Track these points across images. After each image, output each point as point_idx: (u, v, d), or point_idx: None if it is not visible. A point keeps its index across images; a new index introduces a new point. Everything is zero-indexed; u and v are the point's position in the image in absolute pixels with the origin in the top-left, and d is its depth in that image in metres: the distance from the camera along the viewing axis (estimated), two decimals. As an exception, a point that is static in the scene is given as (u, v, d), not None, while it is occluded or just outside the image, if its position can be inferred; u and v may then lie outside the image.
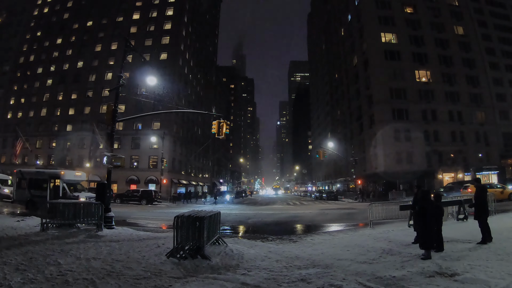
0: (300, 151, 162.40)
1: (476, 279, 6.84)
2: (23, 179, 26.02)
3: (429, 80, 56.54)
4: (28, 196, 25.00)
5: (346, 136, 70.37)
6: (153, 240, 12.32)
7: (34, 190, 25.18)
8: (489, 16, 62.55)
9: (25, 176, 26.13)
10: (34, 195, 24.84)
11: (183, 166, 66.09)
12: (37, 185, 25.43)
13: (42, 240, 11.59)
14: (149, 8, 66.38)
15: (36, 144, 63.07)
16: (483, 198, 11.13)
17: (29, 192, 25.23)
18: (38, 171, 27.39)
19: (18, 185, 26.14)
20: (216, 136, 22.07)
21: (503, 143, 56.33)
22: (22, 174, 26.54)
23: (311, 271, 8.33)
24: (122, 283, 6.89)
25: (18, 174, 26.56)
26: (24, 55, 72.15)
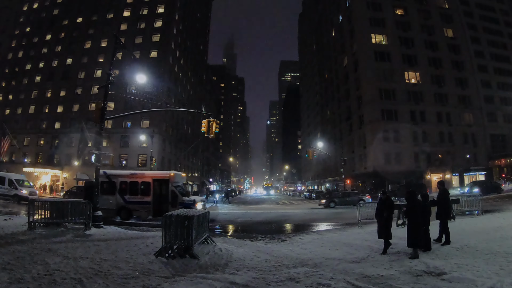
0: (289, 150, 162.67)
1: (463, 278, 6.94)
2: (109, 182, 22.66)
3: (418, 81, 57.01)
4: (120, 203, 21.87)
5: (335, 136, 70.67)
6: (142, 239, 12.27)
7: (129, 196, 22.11)
8: (478, 19, 63.31)
9: (113, 179, 22.72)
10: (130, 201, 21.90)
11: (172, 165, 65.68)
12: (133, 189, 22.29)
13: (29, 239, 11.48)
14: (140, 5, 65.86)
15: (24, 141, 62.17)
16: (445, 201, 11.42)
17: (122, 198, 22.08)
18: (134, 172, 24.56)
19: (101, 190, 21.46)
20: (206, 135, 22.08)
21: (491, 144, 57.08)
22: (109, 176, 22.99)
23: (300, 270, 8.36)
24: (110, 283, 6.85)
25: (101, 177, 21.85)
26: (12, 51, 71.00)
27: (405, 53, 57.30)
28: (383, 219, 10.30)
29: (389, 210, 10.37)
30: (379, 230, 10.50)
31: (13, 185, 30.08)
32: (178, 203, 21.28)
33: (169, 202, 21.28)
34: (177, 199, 21.55)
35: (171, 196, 21.55)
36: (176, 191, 21.92)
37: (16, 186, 30.03)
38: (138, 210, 21.68)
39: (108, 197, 21.88)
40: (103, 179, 22.28)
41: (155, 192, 22.00)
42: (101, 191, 21.42)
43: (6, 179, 30.54)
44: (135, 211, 21.78)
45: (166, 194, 21.74)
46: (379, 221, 10.58)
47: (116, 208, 21.71)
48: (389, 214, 10.30)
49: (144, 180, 22.47)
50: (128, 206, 21.73)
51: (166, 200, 21.47)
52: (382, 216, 10.36)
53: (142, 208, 21.57)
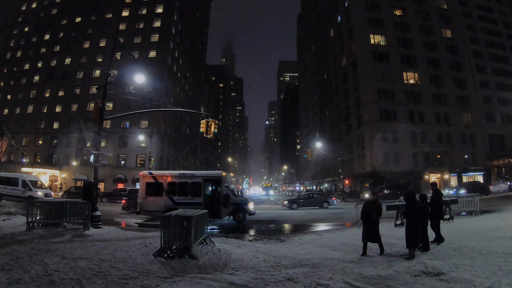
0: (288, 151, 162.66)
1: (461, 278, 6.96)
2: (155, 183, 22.10)
3: (416, 82, 57.07)
4: (169, 205, 20.88)
5: (334, 136, 70.68)
6: (140, 239, 12.27)
7: (179, 197, 21.44)
8: (477, 20, 63.42)
9: (160, 180, 22.15)
10: (179, 202, 20.84)
11: (171, 165, 65.68)
12: (182, 190, 21.68)
13: (28, 239, 11.47)
14: (139, 5, 65.87)
15: (22, 141, 62.14)
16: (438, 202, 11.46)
17: (171, 200, 21.39)
18: (183, 173, 24.38)
19: (147, 191, 21.95)
20: (205, 135, 22.03)
21: (489, 144, 57.17)
22: (155, 177, 22.48)
23: (298, 270, 8.38)
24: (109, 283, 6.85)
25: (147, 178, 22.44)
26: (11, 51, 70.97)
27: (403, 53, 57.36)
28: (371, 221, 10.05)
29: (378, 212, 10.10)
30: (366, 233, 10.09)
31: (28, 186, 29.07)
32: (230, 203, 21.25)
33: (221, 203, 21.01)
34: (229, 199, 21.42)
35: (223, 196, 21.27)
36: (228, 191, 21.80)
37: (31, 188, 29.06)
38: None
39: (155, 198, 21.54)
40: (148, 180, 22.23)
41: (207, 193, 21.71)
42: (147, 192, 21.84)
43: (20, 181, 29.55)
44: None
45: (218, 194, 21.45)
46: (366, 223, 10.21)
47: (164, 210, 20.16)
48: (377, 217, 10.09)
49: (195, 180, 21.97)
50: (177, 208, 19.94)
51: (218, 201, 21.14)
52: (370, 218, 10.05)
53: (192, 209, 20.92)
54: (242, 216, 21.32)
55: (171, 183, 21.92)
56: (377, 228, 10.07)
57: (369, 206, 10.25)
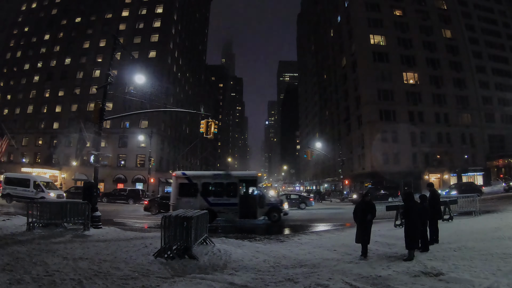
0: (288, 151, 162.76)
1: (461, 278, 6.98)
2: (190, 184, 21.81)
3: (416, 82, 57.08)
4: (204, 205, 20.26)
5: (334, 136, 70.70)
6: (141, 240, 12.29)
7: (213, 198, 21.24)
8: (476, 20, 63.44)
9: (195, 180, 21.88)
10: (214, 203, 20.90)
11: (171, 165, 65.73)
12: (217, 191, 21.58)
13: (28, 240, 11.49)
14: (139, 5, 65.83)
15: (22, 141, 62.14)
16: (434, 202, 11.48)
17: (206, 201, 21.04)
18: (217, 173, 23.95)
19: (180, 192, 21.61)
20: (205, 135, 22.02)
21: (489, 145, 57.20)
22: (189, 178, 22.26)
23: (298, 270, 8.41)
24: (110, 284, 6.87)
25: (180, 179, 22.03)
26: (11, 51, 70.92)
27: (403, 53, 57.36)
28: (364, 222, 9.84)
29: (372, 213, 9.92)
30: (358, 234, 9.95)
31: (39, 187, 28.82)
32: (265, 203, 21.33)
33: (257, 203, 20.97)
34: (264, 199, 21.55)
35: (259, 197, 21.31)
36: (263, 191, 21.83)
37: (43, 189, 28.77)
38: (224, 212, 21.04)
39: (189, 199, 21.20)
40: (182, 180, 21.93)
41: (242, 193, 21.55)
42: (180, 193, 21.52)
43: (31, 182, 29.32)
44: (221, 213, 21.06)
45: (253, 195, 21.46)
46: (359, 224, 9.99)
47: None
48: (371, 218, 9.89)
49: (230, 181, 21.90)
50: (212, 208, 20.42)
51: (253, 201, 21.04)
52: (363, 219, 9.86)
53: (228, 210, 20.94)
54: (277, 216, 21.40)
55: (205, 184, 21.75)
56: (369, 230, 9.90)
57: (363, 207, 10.07)
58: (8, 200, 28.22)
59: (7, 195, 29.14)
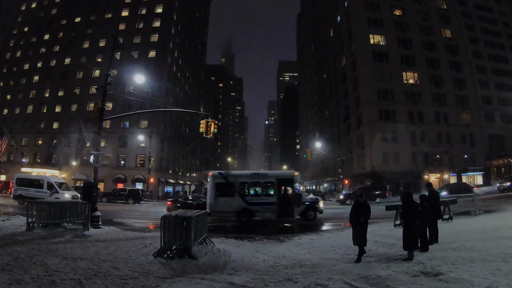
0: (288, 150, 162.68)
1: (460, 278, 6.99)
2: (227, 184, 21.90)
3: (416, 82, 57.08)
4: (241, 205, 20.97)
5: (333, 136, 70.69)
6: (140, 240, 12.30)
7: (251, 197, 21.42)
8: (476, 20, 63.45)
9: (232, 180, 21.95)
10: (252, 203, 21.10)
11: (170, 165, 65.77)
12: (255, 190, 21.93)
13: (28, 240, 11.49)
14: (138, 5, 65.77)
15: (22, 141, 62.11)
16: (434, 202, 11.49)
17: (243, 200, 21.21)
18: (256, 173, 24.48)
19: (217, 192, 21.53)
20: (204, 135, 21.99)
21: (488, 144, 57.21)
22: (226, 177, 22.27)
23: (298, 270, 8.42)
24: (109, 283, 6.88)
25: (217, 178, 21.95)
26: (10, 51, 70.91)
27: (403, 53, 57.35)
28: (358, 224, 9.67)
29: (366, 214, 9.71)
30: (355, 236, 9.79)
31: (54, 188, 28.46)
32: (302, 202, 21.36)
33: (294, 202, 21.11)
34: (301, 198, 21.56)
35: (296, 196, 21.46)
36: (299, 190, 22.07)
37: (57, 190, 28.36)
38: (261, 211, 21.11)
39: (227, 199, 21.32)
40: (219, 180, 21.93)
41: (280, 192, 21.68)
42: (217, 193, 21.49)
43: (45, 183, 29.00)
44: (258, 212, 21.14)
45: (290, 194, 21.60)
46: (354, 225, 9.83)
47: (237, 210, 21.02)
48: (365, 219, 9.67)
49: (268, 180, 22.13)
50: (250, 208, 21.03)
51: (290, 200, 21.24)
52: (357, 220, 9.72)
53: (266, 209, 21.06)
54: (313, 215, 21.53)
55: (243, 183, 21.97)
56: (365, 231, 9.69)
57: (357, 208, 9.90)
58: (21, 202, 27.41)
59: (19, 196, 28.47)
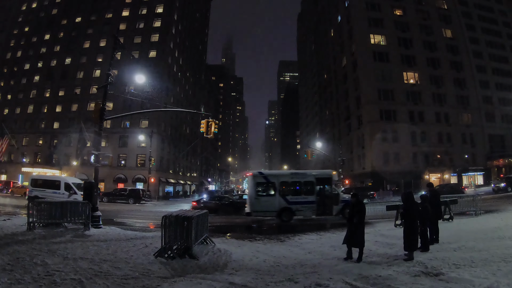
0: (288, 150, 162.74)
1: (461, 278, 6.99)
2: (267, 183, 22.33)
3: (417, 81, 57.10)
4: (282, 204, 21.22)
5: (334, 136, 70.71)
6: (141, 239, 12.29)
7: (291, 196, 21.55)
8: (477, 20, 63.44)
9: (272, 180, 22.23)
10: (292, 202, 21.30)
11: (171, 165, 65.76)
12: (295, 189, 22.04)
13: (29, 239, 11.48)
14: (139, 5, 65.75)
15: (22, 141, 62.10)
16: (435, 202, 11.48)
17: (284, 199, 21.41)
18: (295, 172, 25.14)
19: (258, 191, 21.81)
20: (205, 135, 22.03)
21: (489, 144, 57.21)
22: (267, 177, 22.65)
23: (298, 270, 8.42)
24: (110, 283, 6.87)
25: (257, 178, 22.18)
26: (11, 51, 70.90)
27: (403, 53, 57.37)
28: (353, 225, 9.51)
29: (360, 215, 9.52)
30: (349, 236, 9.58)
31: (72, 189, 28.16)
32: (339, 200, 21.69)
33: (333, 200, 21.49)
34: (339, 197, 21.92)
35: (334, 194, 21.93)
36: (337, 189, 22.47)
37: (75, 191, 27.85)
38: (301, 210, 21.41)
39: (267, 198, 21.64)
40: (259, 180, 22.24)
41: (319, 191, 21.97)
42: (258, 193, 21.79)
43: (62, 183, 28.67)
44: (299, 211, 21.38)
45: (329, 193, 21.95)
46: (349, 226, 9.68)
47: (278, 209, 21.24)
48: (360, 220, 9.47)
49: (307, 179, 22.37)
50: (291, 207, 21.28)
51: (329, 199, 21.60)
52: (351, 221, 9.61)
53: (306, 208, 21.38)
54: None
55: (283, 183, 22.26)
56: (360, 232, 9.43)
57: (351, 209, 9.84)
58: None
59: (35, 198, 26.92)
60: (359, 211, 9.57)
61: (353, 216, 9.56)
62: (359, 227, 9.45)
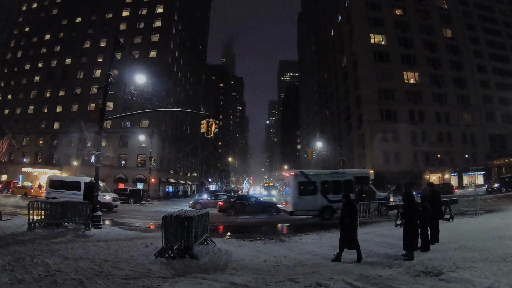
0: (288, 150, 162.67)
1: (461, 278, 6.99)
2: (308, 182, 22.88)
3: (417, 81, 57.08)
4: (323, 203, 22.05)
5: (334, 136, 70.68)
6: (142, 239, 12.30)
7: (332, 195, 22.08)
8: (477, 19, 63.38)
9: (313, 179, 22.90)
10: (333, 200, 21.76)
11: (171, 165, 65.77)
12: (335, 188, 22.41)
13: (29, 239, 11.48)
14: (139, 5, 65.73)
15: (23, 141, 62.15)
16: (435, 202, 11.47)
17: (325, 198, 22.19)
18: (335, 171, 25.55)
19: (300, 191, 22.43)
20: (205, 135, 22.02)
21: (490, 144, 57.17)
22: (308, 176, 23.23)
23: (299, 270, 8.42)
24: (111, 283, 6.88)
25: (299, 177, 22.86)
26: (11, 51, 70.94)
27: (404, 53, 57.34)
28: (345, 227, 9.36)
29: (351, 216, 9.42)
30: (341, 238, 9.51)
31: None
32: (376, 198, 22.34)
33: (369, 198, 21.95)
34: (375, 195, 22.53)
35: (371, 192, 22.61)
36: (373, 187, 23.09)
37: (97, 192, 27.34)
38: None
39: (310, 197, 22.27)
40: (301, 179, 22.86)
41: (357, 189, 22.76)
42: (300, 192, 22.44)
43: (82, 184, 27.10)
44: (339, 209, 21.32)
45: (366, 190, 22.83)
46: (341, 229, 9.55)
47: (320, 208, 21.98)
48: (351, 222, 9.36)
49: (346, 178, 22.94)
50: (331, 205, 21.82)
51: (367, 196, 22.21)
52: (342, 223, 9.45)
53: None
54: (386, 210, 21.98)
55: (324, 182, 22.83)
56: (352, 234, 9.37)
57: (342, 210, 9.72)
58: None
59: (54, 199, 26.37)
60: (350, 212, 9.48)
61: (345, 218, 9.45)
62: (351, 228, 9.38)
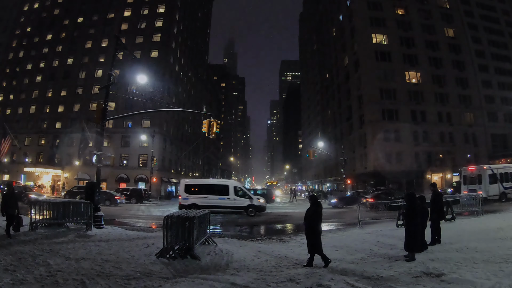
0: (290, 150, 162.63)
1: (463, 279, 6.97)
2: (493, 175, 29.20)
3: (419, 81, 56.97)
4: (501, 189, 28.93)
5: (336, 135, 70.60)
6: (143, 239, 12.32)
7: (506, 183, 29.18)
8: (479, 19, 63.20)
9: (496, 171, 29.52)
10: (507, 187, 29.02)
11: (173, 165, 65.80)
12: (507, 178, 29.33)
13: (31, 240, 11.52)
14: (141, 5, 65.77)
15: (25, 141, 62.19)
16: (438, 202, 11.45)
17: (502, 186, 29.04)
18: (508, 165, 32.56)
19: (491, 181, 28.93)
20: (207, 135, 22.08)
21: (492, 144, 57.01)
22: (492, 170, 29.80)
23: (300, 271, 8.42)
24: (112, 284, 6.90)
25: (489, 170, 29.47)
26: (13, 51, 71.07)
27: (405, 52, 57.21)
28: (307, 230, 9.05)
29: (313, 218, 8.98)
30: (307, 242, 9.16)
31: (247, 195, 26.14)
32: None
33: None
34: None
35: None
36: None
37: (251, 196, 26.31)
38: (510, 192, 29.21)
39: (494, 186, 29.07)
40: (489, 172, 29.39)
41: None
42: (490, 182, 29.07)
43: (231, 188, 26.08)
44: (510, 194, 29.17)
45: None
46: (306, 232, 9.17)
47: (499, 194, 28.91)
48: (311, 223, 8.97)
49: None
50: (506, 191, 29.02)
51: None
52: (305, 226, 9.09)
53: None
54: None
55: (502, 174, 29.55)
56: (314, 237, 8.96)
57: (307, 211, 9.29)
58: None
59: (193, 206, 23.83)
60: (314, 212, 9.03)
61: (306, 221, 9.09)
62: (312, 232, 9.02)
